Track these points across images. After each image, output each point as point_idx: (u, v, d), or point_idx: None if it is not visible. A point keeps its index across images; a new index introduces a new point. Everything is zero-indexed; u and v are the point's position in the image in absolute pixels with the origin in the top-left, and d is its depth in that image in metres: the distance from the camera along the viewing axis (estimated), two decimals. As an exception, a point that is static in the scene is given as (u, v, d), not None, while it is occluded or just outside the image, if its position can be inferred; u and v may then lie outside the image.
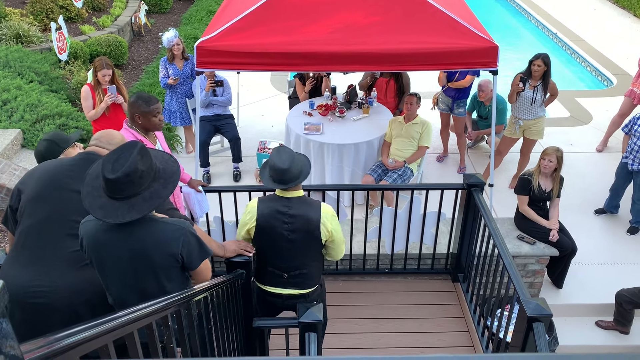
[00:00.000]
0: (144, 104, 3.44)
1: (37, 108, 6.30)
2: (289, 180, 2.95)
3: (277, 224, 3.01)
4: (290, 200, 3.02)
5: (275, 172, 2.94)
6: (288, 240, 3.03)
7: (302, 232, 3.01)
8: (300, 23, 4.72)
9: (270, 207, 3.04)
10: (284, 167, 2.92)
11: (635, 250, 5.40)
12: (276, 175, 2.95)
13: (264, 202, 3.07)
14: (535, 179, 4.72)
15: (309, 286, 3.20)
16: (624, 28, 11.40)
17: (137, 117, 3.47)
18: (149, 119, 3.48)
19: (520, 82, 5.52)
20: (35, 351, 1.02)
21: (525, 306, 2.90)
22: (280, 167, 2.92)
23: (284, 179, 2.95)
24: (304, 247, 3.07)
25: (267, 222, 3.03)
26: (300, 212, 3.00)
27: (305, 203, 3.04)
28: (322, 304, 3.34)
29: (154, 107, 3.47)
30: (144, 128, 3.52)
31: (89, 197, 2.19)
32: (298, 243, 3.04)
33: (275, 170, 2.94)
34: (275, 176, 2.96)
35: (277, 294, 3.20)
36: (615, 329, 4.70)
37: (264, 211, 3.04)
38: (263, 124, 7.63)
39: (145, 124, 3.49)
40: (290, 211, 3.00)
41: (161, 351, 1.87)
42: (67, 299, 2.54)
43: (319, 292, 3.30)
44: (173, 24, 10.89)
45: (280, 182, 2.96)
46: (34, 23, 8.68)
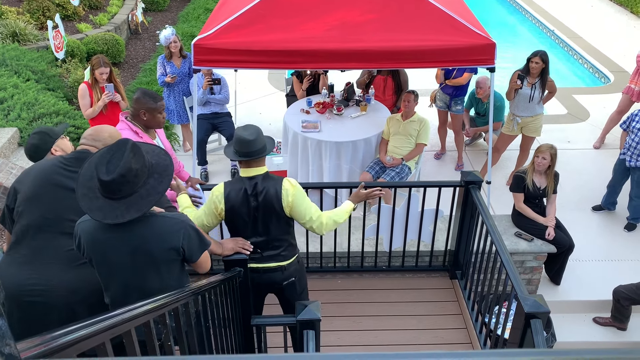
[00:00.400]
0: (151, 100, 3.45)
1: (34, 107, 6.29)
2: (254, 153, 3.04)
3: (244, 202, 3.09)
4: (254, 178, 3.10)
5: (241, 144, 3.02)
6: (256, 216, 3.12)
7: (267, 206, 3.09)
8: (297, 21, 4.71)
9: (235, 187, 3.11)
10: (250, 139, 3.02)
11: (633, 247, 5.42)
12: (241, 148, 3.03)
13: (229, 184, 3.15)
14: (529, 177, 4.72)
15: (285, 258, 3.28)
16: (621, 25, 11.41)
17: (142, 113, 3.46)
18: (155, 115, 3.49)
19: (518, 80, 5.52)
20: (32, 349, 1.02)
21: (522, 303, 2.91)
22: (246, 138, 3.01)
23: (249, 152, 3.03)
24: (272, 221, 3.14)
25: (235, 202, 3.10)
26: (263, 187, 3.07)
27: (267, 179, 3.11)
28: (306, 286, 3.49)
29: (160, 104, 3.49)
30: (147, 125, 3.52)
31: (85, 198, 2.19)
32: (266, 218, 3.13)
33: (240, 142, 3.02)
34: (240, 149, 3.04)
35: (255, 269, 3.26)
36: (613, 325, 4.72)
37: (230, 193, 3.11)
38: (260, 122, 7.62)
39: (150, 120, 3.49)
40: (255, 189, 3.08)
41: (159, 349, 1.86)
42: (64, 298, 2.54)
43: (297, 268, 3.36)
44: (170, 22, 10.86)
45: (245, 155, 3.04)
46: (31, 21, 8.65)
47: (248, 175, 3.10)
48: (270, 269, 3.26)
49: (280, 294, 3.41)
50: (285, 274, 3.29)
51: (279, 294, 3.42)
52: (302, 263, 3.46)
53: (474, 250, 4.07)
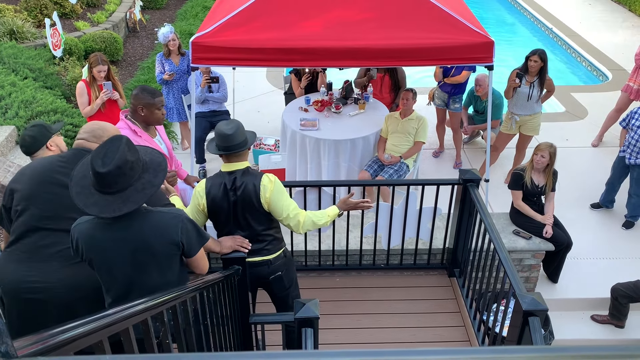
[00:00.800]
0: (149, 95, 3.45)
1: (31, 105, 6.27)
2: (233, 147, 3.05)
3: (224, 197, 3.10)
4: (233, 173, 3.11)
5: (221, 138, 3.04)
6: (235, 211, 3.13)
7: (246, 201, 3.10)
8: (295, 19, 4.71)
9: (216, 182, 3.13)
10: (229, 133, 3.03)
11: (631, 245, 5.43)
12: (221, 142, 3.05)
13: (210, 180, 3.17)
14: (527, 174, 4.73)
15: (269, 252, 3.28)
16: (619, 23, 11.42)
17: (140, 109, 3.46)
18: (153, 112, 3.48)
19: (517, 78, 5.52)
20: (29, 347, 1.01)
21: (521, 301, 2.91)
22: (225, 132, 3.03)
23: (228, 146, 3.05)
24: (252, 216, 3.15)
25: (215, 197, 3.12)
26: (241, 184, 3.08)
27: (248, 174, 3.12)
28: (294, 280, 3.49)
29: (158, 100, 3.49)
30: (146, 121, 3.51)
31: (80, 196, 2.19)
32: (245, 213, 3.14)
33: (221, 136, 3.04)
34: (220, 143, 3.06)
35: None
36: (611, 323, 4.73)
37: (211, 188, 3.13)
38: (259, 120, 7.61)
39: (148, 116, 3.48)
40: (234, 185, 3.09)
41: (157, 347, 1.86)
42: (62, 295, 2.54)
43: (284, 261, 3.36)
44: (168, 19, 10.84)
45: (225, 149, 3.06)
46: (28, 19, 8.62)
47: (228, 170, 3.13)
48: (255, 263, 3.27)
49: (268, 288, 3.43)
50: (271, 268, 3.30)
51: (267, 288, 3.44)
52: (289, 257, 3.46)
53: (472, 248, 4.07)
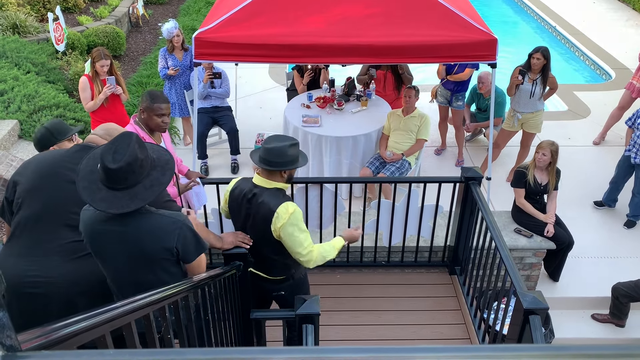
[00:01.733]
0: (149, 99, 3.40)
1: (34, 99, 6.28)
2: (273, 164, 2.88)
3: (241, 205, 3.05)
4: (256, 188, 2.98)
5: (266, 151, 2.89)
6: (248, 225, 3.07)
7: (257, 221, 2.98)
8: (298, 15, 4.70)
9: (240, 187, 3.07)
10: (278, 146, 2.86)
11: (632, 244, 5.43)
12: (264, 154, 2.90)
13: (240, 181, 3.12)
14: (530, 173, 4.73)
15: (272, 275, 3.20)
16: (623, 22, 11.38)
17: (141, 112, 3.46)
18: (151, 117, 3.43)
19: (520, 75, 5.51)
20: (32, 341, 1.02)
21: (521, 299, 2.91)
22: (273, 147, 2.86)
23: (268, 160, 2.89)
24: (261, 236, 3.02)
25: (233, 200, 3.09)
26: (259, 202, 2.94)
27: (269, 195, 2.93)
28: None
29: (157, 106, 3.40)
30: (146, 125, 3.50)
31: (87, 191, 2.19)
32: (255, 231, 3.04)
33: (266, 150, 2.89)
34: (263, 155, 2.92)
35: (253, 273, 3.25)
36: (611, 322, 4.73)
37: (235, 190, 3.10)
38: (261, 116, 7.62)
39: (147, 120, 3.45)
40: (252, 198, 2.98)
41: (158, 342, 1.87)
42: (63, 289, 2.54)
43: (290, 283, 3.22)
44: (171, 15, 10.83)
45: (264, 162, 2.90)
46: (31, 13, 8.63)
47: (256, 181, 3.01)
48: (260, 277, 3.23)
49: (273, 300, 3.43)
50: (275, 287, 3.22)
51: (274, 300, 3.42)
52: (299, 279, 3.28)
53: (474, 246, 4.07)
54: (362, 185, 5.63)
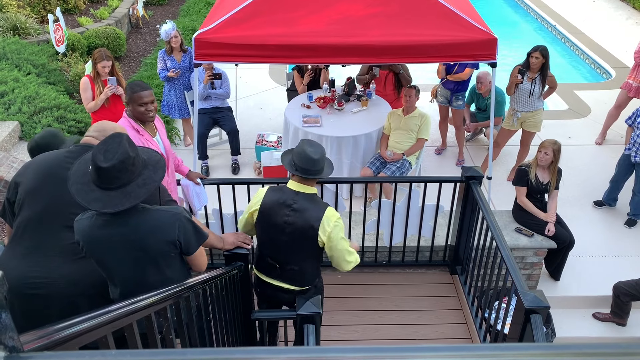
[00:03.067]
0: (130, 89, 3.42)
1: (34, 100, 6.28)
2: (314, 172, 2.94)
3: (278, 215, 3.00)
4: (297, 195, 2.99)
5: (303, 160, 2.92)
6: (285, 233, 3.01)
7: (299, 228, 2.97)
8: (298, 15, 4.70)
9: (276, 196, 3.03)
10: (315, 158, 2.92)
11: (633, 243, 5.42)
12: (301, 162, 2.93)
13: (272, 191, 3.08)
14: (532, 171, 4.73)
15: (301, 284, 3.18)
16: (623, 20, 11.38)
17: (127, 104, 3.46)
18: (134, 107, 3.42)
19: (519, 74, 5.51)
20: (34, 342, 1.02)
21: (522, 298, 2.91)
22: (312, 157, 2.91)
23: (309, 170, 2.93)
24: (300, 244, 3.03)
25: (269, 210, 3.02)
26: (302, 208, 2.96)
27: (311, 201, 2.98)
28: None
29: (137, 95, 3.40)
30: (133, 117, 3.50)
31: (81, 193, 2.19)
32: (294, 238, 3.01)
33: (304, 158, 2.92)
34: (299, 163, 2.94)
35: (269, 284, 3.21)
36: (612, 320, 4.73)
37: (269, 199, 3.04)
38: (261, 117, 7.62)
39: (133, 111, 3.45)
40: (294, 205, 2.97)
41: (160, 342, 1.87)
42: (65, 290, 2.54)
43: (312, 294, 3.21)
44: (171, 15, 10.84)
45: (303, 171, 2.94)
46: (31, 15, 8.64)
47: (295, 188, 3.00)
48: (283, 289, 3.19)
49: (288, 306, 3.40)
50: (295, 297, 3.18)
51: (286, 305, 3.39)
52: (320, 286, 3.34)
53: (475, 246, 4.07)
54: (363, 185, 5.64)
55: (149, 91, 3.44)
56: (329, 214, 2.95)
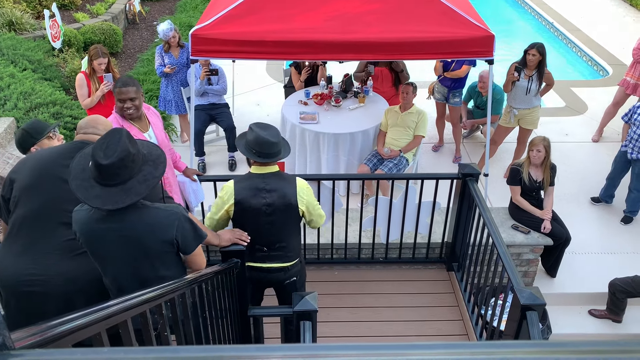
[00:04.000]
0: (115, 85, 3.45)
1: (30, 96, 6.26)
2: (275, 154, 3.04)
3: (255, 200, 3.08)
4: (266, 177, 3.09)
5: (262, 145, 3.00)
6: (267, 214, 3.11)
7: (279, 206, 3.09)
8: (296, 11, 4.69)
9: (247, 185, 3.10)
10: (275, 141, 3.01)
11: (629, 240, 5.44)
12: (262, 149, 3.01)
13: (240, 182, 3.14)
14: (525, 170, 4.72)
15: (289, 259, 3.30)
16: (620, 18, 11.39)
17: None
18: (115, 102, 3.45)
19: (516, 72, 5.51)
20: (27, 339, 1.01)
21: (519, 295, 2.92)
22: (271, 140, 3.00)
23: (271, 153, 3.03)
24: (282, 220, 3.15)
25: (245, 200, 3.09)
26: (276, 187, 3.08)
27: (281, 178, 3.12)
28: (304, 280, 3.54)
29: (117, 90, 3.41)
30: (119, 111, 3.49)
31: (81, 189, 2.18)
32: (276, 217, 3.12)
33: (263, 144, 3.00)
34: (261, 150, 3.02)
35: (259, 268, 3.28)
36: (608, 317, 4.74)
37: (240, 188, 3.10)
38: (258, 113, 7.60)
39: (115, 106, 3.47)
40: (267, 186, 3.07)
41: (155, 339, 1.86)
42: (61, 287, 2.53)
43: (299, 268, 3.39)
44: (168, 12, 10.80)
45: (267, 156, 3.03)
46: (27, 10, 8.59)
47: (260, 172, 3.09)
48: (273, 269, 3.28)
49: (280, 290, 3.44)
50: (287, 274, 3.32)
51: (278, 289, 3.45)
52: (303, 261, 3.49)
53: (471, 243, 4.08)
54: (360, 182, 5.63)
55: (131, 88, 3.40)
56: (300, 185, 3.13)
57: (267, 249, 3.22)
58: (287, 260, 3.29)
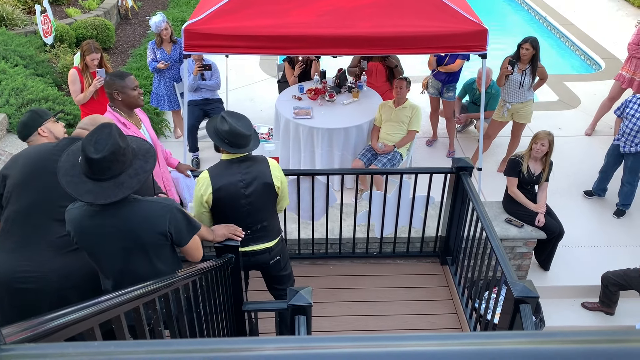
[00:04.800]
0: (118, 78, 3.41)
1: (22, 92, 6.21)
2: (248, 144, 3.08)
3: (232, 186, 3.10)
4: (238, 160, 3.13)
5: (237, 137, 3.02)
6: (245, 196, 3.14)
7: (257, 186, 3.13)
8: (289, 6, 4.67)
9: (221, 171, 3.12)
10: (248, 133, 3.05)
11: (621, 233, 5.47)
12: (236, 140, 3.03)
13: (214, 170, 3.16)
14: (525, 162, 4.74)
15: (272, 238, 3.36)
16: (613, 12, 11.42)
17: (115, 95, 3.42)
18: (127, 93, 3.42)
19: (509, 66, 5.52)
20: (18, 334, 1.01)
21: (512, 288, 2.93)
22: (245, 133, 3.03)
23: (245, 143, 3.06)
24: (261, 200, 3.20)
25: (223, 186, 3.10)
26: (250, 169, 3.12)
27: (253, 160, 3.17)
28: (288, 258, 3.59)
29: (128, 79, 3.43)
30: (126, 105, 3.47)
31: (71, 185, 2.17)
32: (255, 197, 3.16)
33: (237, 135, 3.01)
34: (235, 141, 3.03)
35: (244, 253, 3.29)
36: (601, 310, 4.78)
37: (216, 176, 3.12)
38: (252, 108, 7.59)
39: (125, 99, 3.43)
40: (241, 170, 3.11)
41: (149, 334, 1.86)
42: (55, 284, 2.53)
43: (281, 246, 3.46)
44: (160, 7, 10.73)
45: (241, 147, 3.06)
46: (18, 5, 8.52)
47: (231, 157, 3.13)
48: (258, 252, 3.33)
49: (265, 271, 3.50)
50: (271, 254, 3.38)
51: (264, 270, 3.50)
52: (283, 240, 3.56)
53: (465, 237, 4.09)
54: (354, 176, 5.62)
55: (131, 76, 3.50)
56: (272, 163, 3.21)
57: (250, 231, 3.24)
58: (270, 239, 3.35)
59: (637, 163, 5.37)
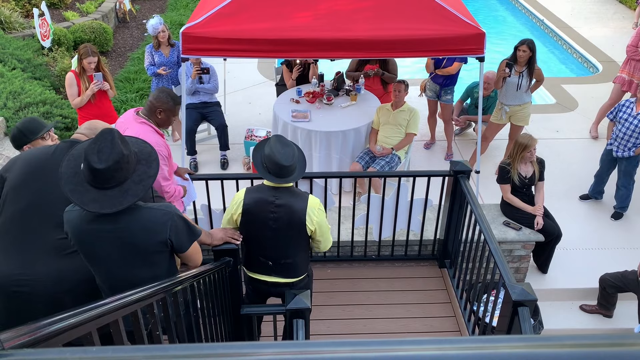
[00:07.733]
0: (172, 101, 3.46)
1: (20, 96, 6.21)
2: (286, 175, 2.93)
3: (263, 213, 3.00)
4: (277, 190, 2.99)
5: (275, 165, 2.90)
6: (272, 229, 3.02)
7: (286, 222, 2.99)
8: (287, 9, 4.68)
9: (257, 196, 3.02)
10: (286, 165, 2.89)
11: (619, 235, 5.48)
12: (274, 168, 2.91)
13: (251, 192, 3.06)
14: (514, 170, 4.73)
15: (295, 276, 3.21)
16: (610, 15, 11.46)
17: (158, 112, 3.43)
18: (169, 118, 3.50)
19: (506, 68, 5.54)
20: (16, 339, 1.01)
21: (510, 291, 2.93)
22: (282, 163, 2.88)
23: (281, 174, 2.92)
24: (289, 237, 3.05)
25: (253, 211, 3.02)
26: (286, 203, 2.98)
27: (292, 194, 3.01)
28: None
29: (178, 108, 3.54)
30: (156, 123, 3.49)
31: (76, 193, 2.14)
32: (282, 233, 3.03)
33: (275, 164, 2.89)
34: (273, 169, 2.92)
35: (263, 281, 3.22)
36: (599, 312, 4.78)
37: (250, 200, 3.03)
38: (250, 112, 7.59)
39: (164, 120, 3.49)
40: (276, 201, 2.98)
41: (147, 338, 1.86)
42: (51, 288, 2.52)
43: (306, 282, 3.31)
44: (158, 10, 10.75)
45: (277, 176, 2.93)
46: (16, 9, 8.52)
47: (272, 184, 3.00)
48: (278, 284, 3.22)
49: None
50: (293, 289, 3.21)
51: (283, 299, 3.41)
52: (311, 274, 3.41)
53: (463, 239, 4.09)
54: (352, 179, 5.63)
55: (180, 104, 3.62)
56: (312, 204, 3.00)
57: (271, 263, 3.14)
58: (292, 276, 3.20)
59: (630, 166, 5.38)
